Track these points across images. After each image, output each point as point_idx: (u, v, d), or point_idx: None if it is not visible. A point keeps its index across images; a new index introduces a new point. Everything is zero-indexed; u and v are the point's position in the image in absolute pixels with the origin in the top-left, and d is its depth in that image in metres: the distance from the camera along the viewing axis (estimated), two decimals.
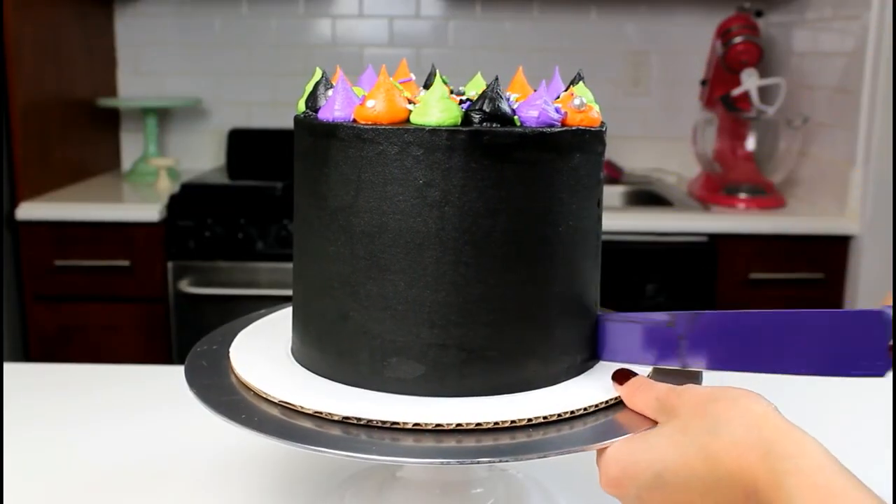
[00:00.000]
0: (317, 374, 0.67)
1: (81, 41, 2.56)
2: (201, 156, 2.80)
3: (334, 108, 0.64)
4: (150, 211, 2.20)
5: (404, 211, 0.61)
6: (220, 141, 2.76)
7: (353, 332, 0.64)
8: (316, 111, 0.66)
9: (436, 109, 0.61)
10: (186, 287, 2.21)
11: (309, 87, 0.69)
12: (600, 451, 0.58)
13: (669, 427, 0.55)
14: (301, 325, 0.70)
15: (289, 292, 0.72)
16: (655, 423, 0.58)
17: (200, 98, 2.78)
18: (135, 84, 2.79)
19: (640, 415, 0.60)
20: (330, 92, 0.65)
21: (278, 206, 2.21)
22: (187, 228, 2.21)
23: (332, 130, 0.63)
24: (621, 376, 0.63)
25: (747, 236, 2.19)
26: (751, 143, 2.42)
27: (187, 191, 2.28)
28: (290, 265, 2.06)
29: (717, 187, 2.38)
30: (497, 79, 0.62)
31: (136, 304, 2.25)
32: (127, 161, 2.81)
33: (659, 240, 2.18)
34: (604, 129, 0.67)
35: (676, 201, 2.38)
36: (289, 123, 2.85)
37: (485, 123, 0.61)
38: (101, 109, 2.66)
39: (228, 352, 0.71)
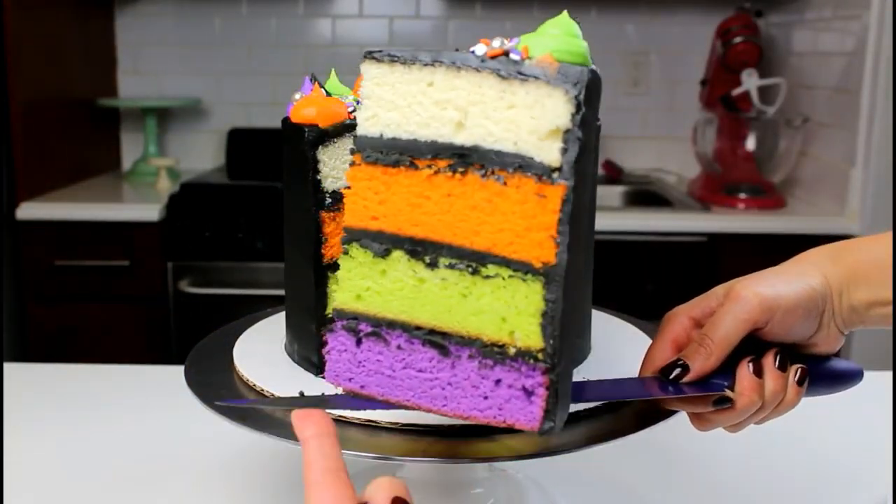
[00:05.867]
0: (309, 371, 0.68)
1: (81, 41, 2.56)
2: (201, 156, 2.80)
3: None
4: (149, 211, 2.20)
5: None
6: (220, 141, 2.76)
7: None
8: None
9: None
10: (186, 287, 2.21)
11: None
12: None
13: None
14: (288, 325, 0.71)
15: None
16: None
17: (200, 98, 2.78)
18: (135, 84, 2.79)
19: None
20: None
21: (278, 205, 2.21)
22: (187, 228, 2.21)
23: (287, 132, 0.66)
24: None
25: (747, 236, 2.19)
26: (751, 143, 2.42)
27: (187, 190, 2.28)
28: None
29: (717, 187, 2.38)
30: None
31: (135, 304, 2.25)
32: (127, 161, 2.81)
33: (659, 240, 2.18)
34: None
35: (676, 201, 2.38)
36: None
37: None
38: (101, 109, 2.66)
39: (231, 351, 0.71)
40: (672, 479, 0.86)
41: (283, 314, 0.77)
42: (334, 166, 0.64)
